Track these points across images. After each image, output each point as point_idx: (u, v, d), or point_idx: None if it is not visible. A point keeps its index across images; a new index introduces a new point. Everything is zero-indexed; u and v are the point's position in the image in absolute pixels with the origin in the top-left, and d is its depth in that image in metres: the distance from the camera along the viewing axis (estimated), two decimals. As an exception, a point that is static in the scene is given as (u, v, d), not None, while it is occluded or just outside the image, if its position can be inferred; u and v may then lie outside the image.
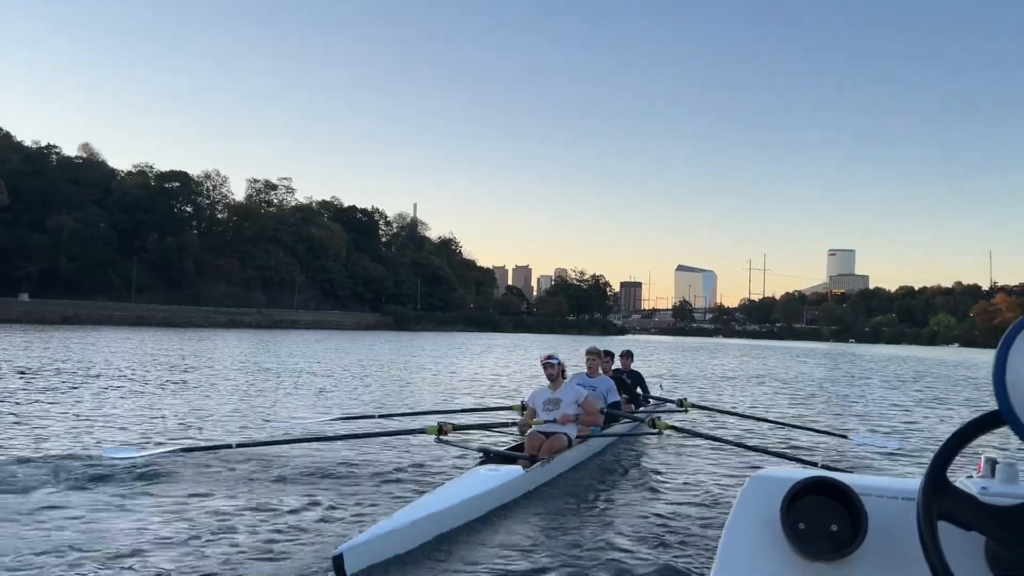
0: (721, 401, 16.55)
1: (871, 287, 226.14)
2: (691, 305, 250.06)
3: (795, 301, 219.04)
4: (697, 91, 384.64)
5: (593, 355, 9.39)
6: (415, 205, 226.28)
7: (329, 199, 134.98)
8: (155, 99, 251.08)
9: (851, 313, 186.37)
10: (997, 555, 1.31)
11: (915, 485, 1.37)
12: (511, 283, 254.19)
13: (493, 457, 7.29)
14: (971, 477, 1.49)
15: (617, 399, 9.31)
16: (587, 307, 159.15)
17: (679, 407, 11.50)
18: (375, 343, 51.79)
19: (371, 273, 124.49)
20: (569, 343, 55.50)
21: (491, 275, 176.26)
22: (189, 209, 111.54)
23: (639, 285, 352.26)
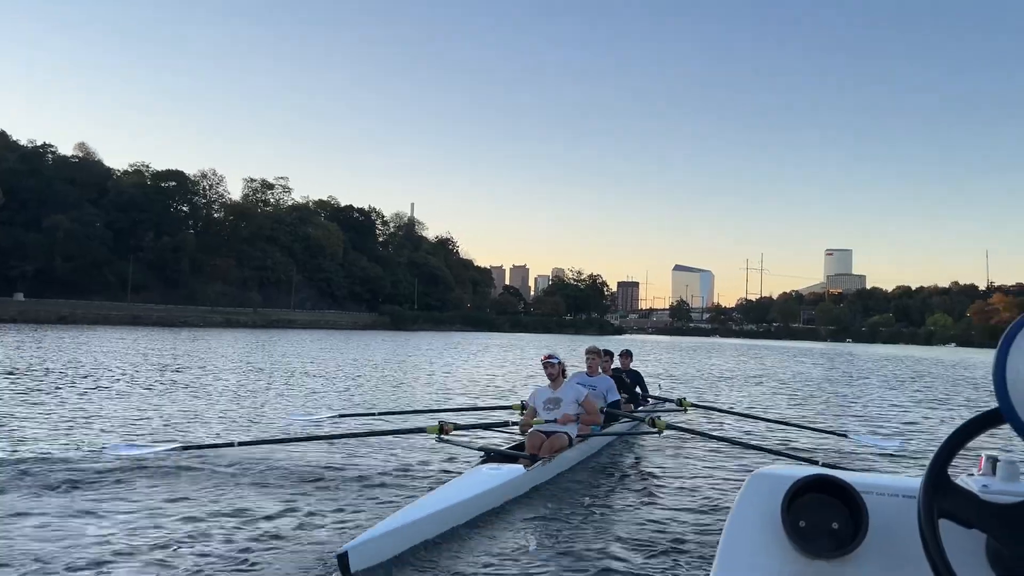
0: (719, 401, 16.56)
1: (868, 287, 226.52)
2: (688, 305, 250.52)
3: (792, 301, 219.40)
4: (697, 91, 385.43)
5: (593, 354, 9.41)
6: (412, 205, 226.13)
7: (326, 198, 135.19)
8: (154, 99, 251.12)
9: (848, 313, 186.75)
10: (998, 553, 1.30)
11: (916, 483, 1.36)
12: (508, 283, 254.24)
13: (494, 456, 7.33)
14: (972, 475, 1.47)
15: (617, 398, 9.35)
16: (584, 307, 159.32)
17: (678, 406, 11.54)
18: (371, 343, 51.74)
19: (368, 273, 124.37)
20: (566, 343, 55.45)
21: (488, 275, 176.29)
22: (185, 208, 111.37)
23: (636, 285, 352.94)
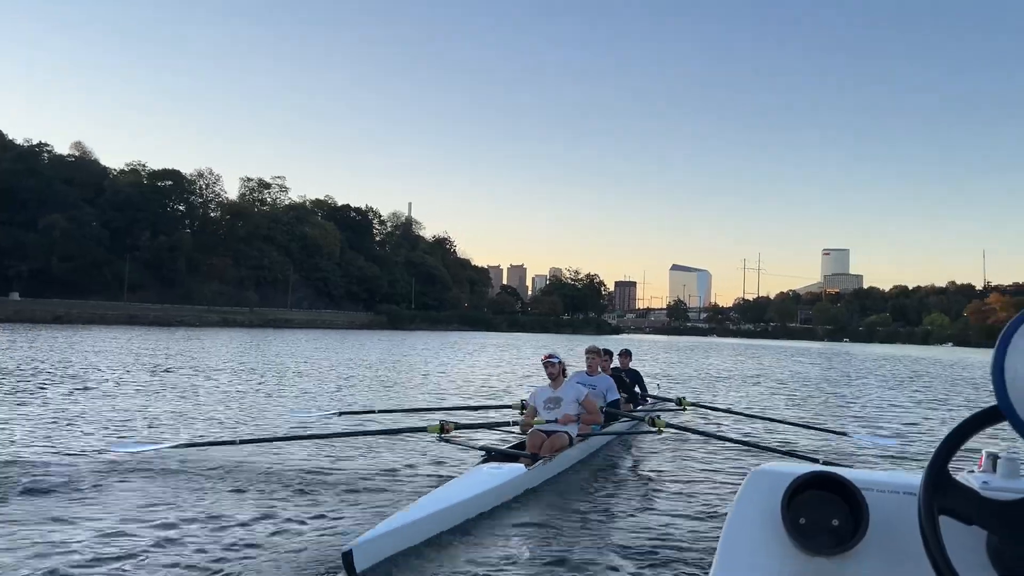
0: (717, 401, 16.58)
1: (865, 287, 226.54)
2: (686, 304, 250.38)
3: (789, 300, 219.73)
4: (696, 91, 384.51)
5: (593, 354, 9.43)
6: (410, 204, 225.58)
7: (323, 198, 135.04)
8: (154, 98, 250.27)
9: (845, 312, 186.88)
10: (998, 550, 1.31)
11: (916, 480, 1.36)
12: (506, 282, 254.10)
13: (495, 455, 7.37)
14: (972, 472, 1.48)
15: (617, 397, 9.38)
16: (582, 306, 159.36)
17: (678, 406, 11.58)
18: (367, 342, 51.67)
19: (365, 272, 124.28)
20: (563, 342, 55.42)
21: (486, 274, 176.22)
22: (182, 208, 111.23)
23: (634, 284, 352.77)
